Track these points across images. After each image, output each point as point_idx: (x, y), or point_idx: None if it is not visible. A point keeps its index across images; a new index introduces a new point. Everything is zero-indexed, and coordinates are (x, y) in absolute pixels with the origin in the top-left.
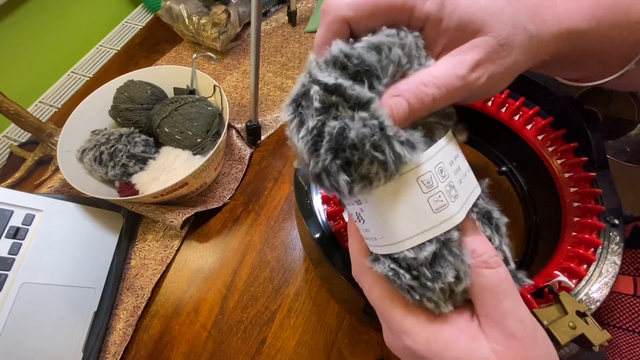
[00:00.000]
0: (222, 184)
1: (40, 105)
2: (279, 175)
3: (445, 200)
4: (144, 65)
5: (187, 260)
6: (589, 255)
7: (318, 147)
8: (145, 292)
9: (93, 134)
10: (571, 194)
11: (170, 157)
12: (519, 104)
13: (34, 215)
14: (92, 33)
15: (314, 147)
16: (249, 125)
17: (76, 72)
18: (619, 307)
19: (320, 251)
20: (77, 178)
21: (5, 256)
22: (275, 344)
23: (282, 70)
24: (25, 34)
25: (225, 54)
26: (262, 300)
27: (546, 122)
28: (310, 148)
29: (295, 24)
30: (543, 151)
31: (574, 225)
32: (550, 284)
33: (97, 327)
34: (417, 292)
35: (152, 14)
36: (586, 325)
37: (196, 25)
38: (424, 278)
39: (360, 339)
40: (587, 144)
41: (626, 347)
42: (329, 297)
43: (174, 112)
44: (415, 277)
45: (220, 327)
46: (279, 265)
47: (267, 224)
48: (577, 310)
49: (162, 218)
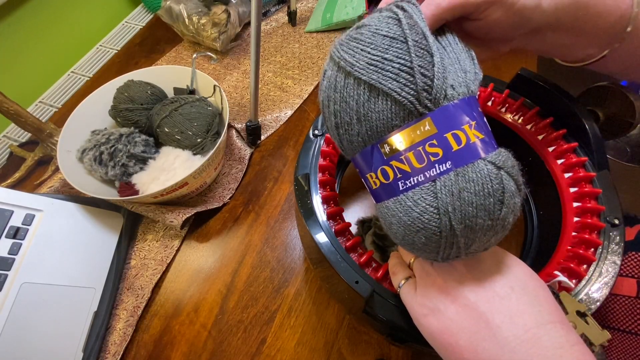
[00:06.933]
0: (222, 184)
1: (40, 105)
2: (279, 175)
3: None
4: (144, 65)
5: (187, 260)
6: (589, 255)
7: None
8: (145, 292)
9: (93, 134)
10: (571, 194)
11: (170, 157)
12: (519, 104)
13: (34, 215)
14: (92, 33)
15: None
16: (249, 125)
17: (76, 72)
18: (622, 309)
19: (320, 251)
20: (77, 178)
21: (5, 256)
22: (275, 344)
23: (282, 70)
24: (25, 34)
25: (225, 54)
26: (262, 300)
27: (546, 122)
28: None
29: (295, 24)
30: (543, 151)
31: (574, 225)
32: (550, 284)
33: (97, 327)
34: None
35: (152, 14)
36: (586, 325)
37: (196, 25)
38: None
39: (360, 339)
40: (587, 144)
41: (629, 350)
42: (329, 297)
43: (174, 112)
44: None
45: (220, 327)
46: (279, 265)
47: (267, 224)
48: (577, 310)
49: (162, 218)
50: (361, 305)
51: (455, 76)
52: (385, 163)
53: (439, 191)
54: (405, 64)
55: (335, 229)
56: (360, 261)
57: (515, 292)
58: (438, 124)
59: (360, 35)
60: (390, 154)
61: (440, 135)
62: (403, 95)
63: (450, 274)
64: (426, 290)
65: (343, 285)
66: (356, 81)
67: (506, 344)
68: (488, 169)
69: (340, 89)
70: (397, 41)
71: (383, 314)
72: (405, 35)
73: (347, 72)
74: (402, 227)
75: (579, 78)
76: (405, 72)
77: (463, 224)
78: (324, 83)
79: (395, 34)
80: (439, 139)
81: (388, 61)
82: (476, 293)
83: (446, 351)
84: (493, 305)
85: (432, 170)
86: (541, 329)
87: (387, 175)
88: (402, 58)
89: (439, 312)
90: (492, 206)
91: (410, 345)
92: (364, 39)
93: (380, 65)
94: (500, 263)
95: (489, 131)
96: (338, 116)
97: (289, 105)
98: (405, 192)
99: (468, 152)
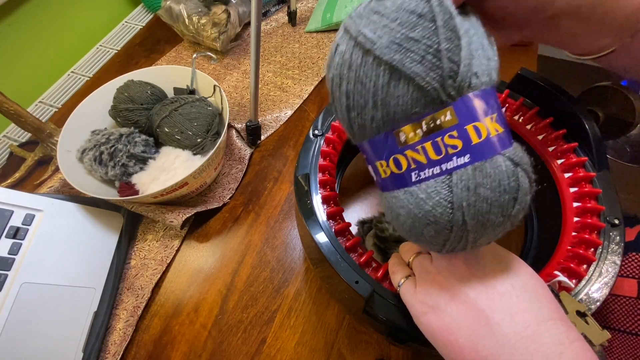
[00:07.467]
0: (222, 184)
1: (40, 105)
2: (279, 175)
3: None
4: (144, 65)
5: (187, 260)
6: (589, 255)
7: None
8: (145, 292)
9: (93, 134)
10: (571, 194)
11: (170, 157)
12: (519, 104)
13: (34, 215)
14: (92, 33)
15: None
16: (249, 125)
17: (76, 72)
18: (623, 310)
19: (320, 251)
20: (77, 178)
21: (5, 256)
22: (275, 344)
23: (282, 70)
24: (25, 34)
25: (225, 54)
26: (262, 300)
27: (546, 122)
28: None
29: (295, 24)
30: (543, 151)
31: (574, 225)
32: (550, 284)
33: (97, 327)
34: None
35: (152, 14)
36: (586, 325)
37: (196, 25)
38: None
39: (360, 339)
40: (587, 144)
41: (629, 350)
42: (329, 297)
43: (174, 112)
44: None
45: (220, 327)
46: (279, 265)
47: (267, 224)
48: (577, 310)
49: (162, 218)
50: (361, 305)
51: (479, 63)
52: (399, 152)
53: (455, 185)
54: (432, 46)
55: (335, 229)
56: (360, 261)
57: (515, 289)
58: (460, 115)
59: (384, 9)
60: (406, 143)
61: (460, 127)
62: (427, 81)
63: (450, 272)
64: (426, 288)
65: (343, 285)
66: (376, 60)
67: (506, 341)
68: (506, 165)
69: (355, 68)
70: (425, 19)
71: (383, 314)
72: (433, 13)
73: (366, 50)
74: (411, 219)
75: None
76: (432, 54)
77: (475, 220)
78: (336, 59)
79: (422, 11)
80: (460, 130)
81: (414, 41)
82: (476, 290)
83: (446, 349)
84: (493, 303)
85: (449, 163)
86: (541, 326)
87: (400, 165)
88: (429, 39)
89: (439, 310)
90: (506, 203)
91: (410, 345)
92: (388, 14)
93: (405, 45)
94: (500, 261)
95: (507, 124)
96: (351, 97)
97: (289, 105)
98: (418, 184)
99: (488, 146)
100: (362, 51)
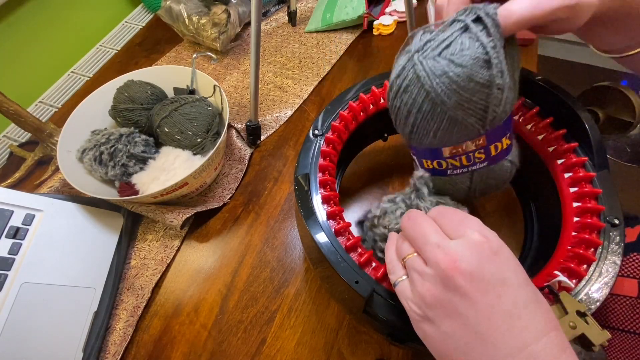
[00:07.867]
0: (222, 184)
1: (40, 105)
2: (279, 175)
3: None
4: (144, 65)
5: (187, 260)
6: (589, 255)
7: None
8: (145, 292)
9: (93, 134)
10: (571, 194)
11: (170, 157)
12: (519, 104)
13: (34, 215)
14: (92, 33)
15: None
16: (249, 125)
17: (76, 72)
18: (623, 309)
19: (320, 251)
20: (77, 178)
21: (5, 256)
22: (275, 344)
23: (282, 70)
24: (25, 34)
25: (225, 54)
26: (262, 300)
27: (546, 122)
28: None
29: (295, 24)
30: (543, 151)
31: (574, 225)
32: (550, 284)
33: (97, 327)
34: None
35: (152, 14)
36: (586, 325)
37: (196, 25)
38: None
39: (360, 339)
40: (587, 144)
41: (630, 349)
42: (329, 297)
43: (174, 112)
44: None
45: (220, 327)
46: (279, 265)
47: (267, 224)
48: (577, 310)
49: (162, 218)
50: (361, 305)
51: (511, 101)
52: (443, 159)
53: (474, 177)
54: (484, 105)
55: (335, 229)
56: (360, 261)
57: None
58: (488, 139)
59: (456, 76)
60: (449, 156)
61: (487, 146)
62: (475, 125)
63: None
64: (420, 295)
65: (343, 285)
66: (442, 113)
67: None
68: (506, 165)
69: (424, 112)
70: (485, 87)
71: (383, 314)
72: (491, 83)
73: (435, 103)
74: (441, 182)
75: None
76: (481, 109)
77: (482, 193)
78: (406, 97)
79: (484, 81)
80: (486, 149)
81: (473, 102)
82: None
83: (440, 357)
84: (491, 322)
85: (474, 166)
86: (539, 344)
87: (441, 166)
88: (485, 100)
89: (433, 324)
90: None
91: (410, 345)
92: (459, 82)
93: (466, 106)
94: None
95: (513, 135)
96: (415, 128)
97: (289, 105)
98: (451, 176)
99: (501, 156)
100: (431, 103)
